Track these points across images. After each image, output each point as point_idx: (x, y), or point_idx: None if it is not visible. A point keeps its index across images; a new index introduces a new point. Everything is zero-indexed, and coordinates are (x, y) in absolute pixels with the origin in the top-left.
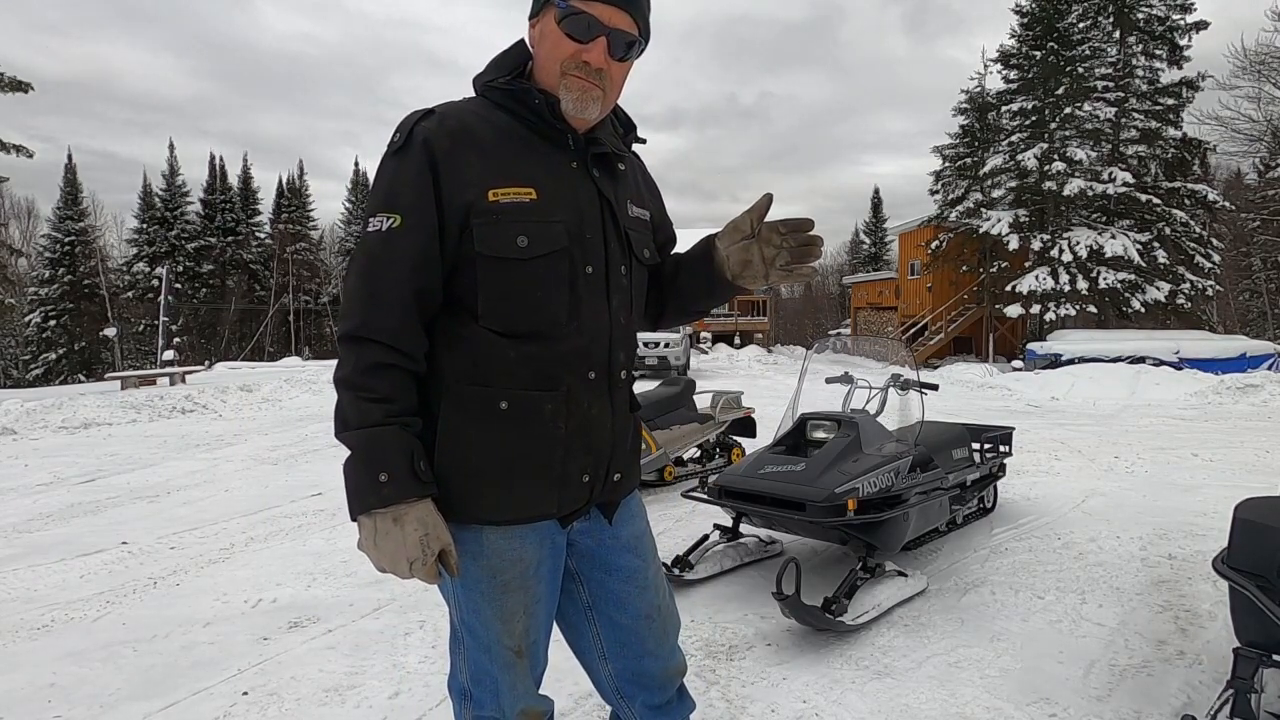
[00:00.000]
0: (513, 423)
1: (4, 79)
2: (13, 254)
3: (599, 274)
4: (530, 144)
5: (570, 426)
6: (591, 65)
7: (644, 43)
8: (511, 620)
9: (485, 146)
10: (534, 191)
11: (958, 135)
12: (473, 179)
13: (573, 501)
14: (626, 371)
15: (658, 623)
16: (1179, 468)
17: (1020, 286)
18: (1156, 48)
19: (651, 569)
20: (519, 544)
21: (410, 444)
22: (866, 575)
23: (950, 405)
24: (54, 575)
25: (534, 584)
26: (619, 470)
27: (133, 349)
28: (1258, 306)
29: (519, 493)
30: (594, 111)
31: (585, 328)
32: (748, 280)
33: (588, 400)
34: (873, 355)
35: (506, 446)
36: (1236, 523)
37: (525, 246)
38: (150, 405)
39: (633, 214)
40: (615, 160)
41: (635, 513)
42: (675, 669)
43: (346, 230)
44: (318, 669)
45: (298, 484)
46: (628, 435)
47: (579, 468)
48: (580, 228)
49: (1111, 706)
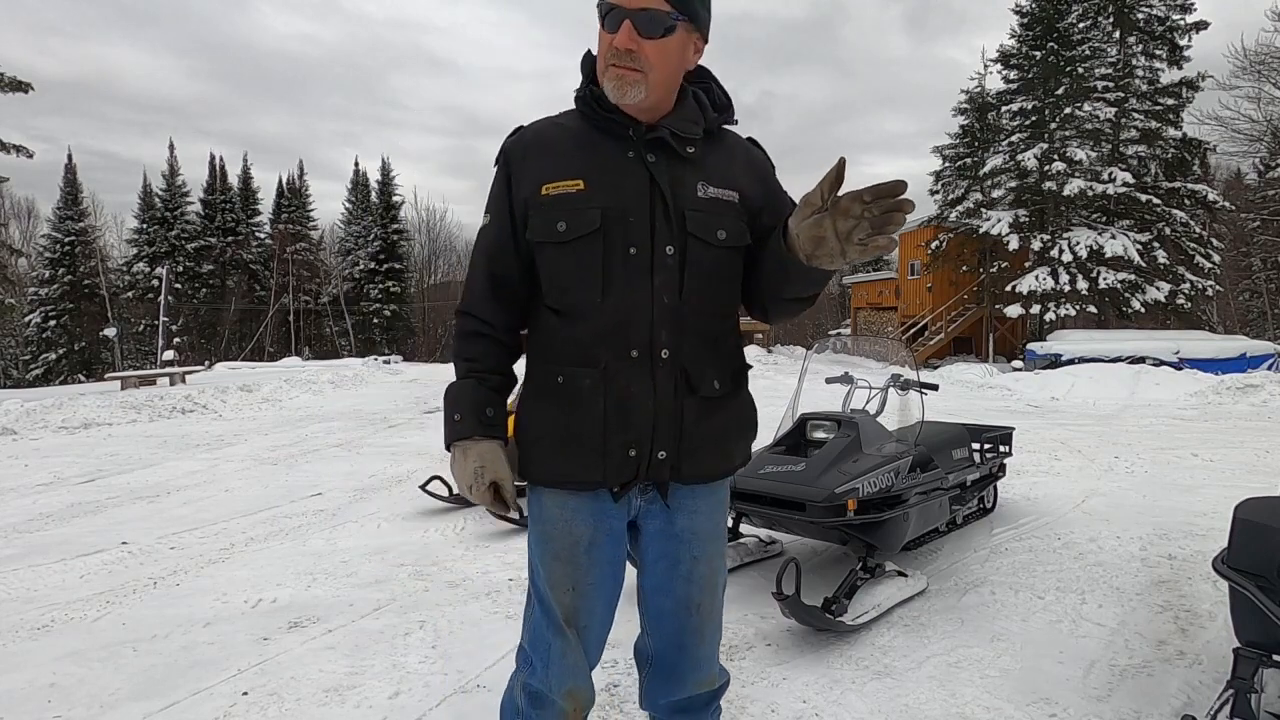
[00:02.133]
0: (564, 397)
1: (4, 79)
2: (13, 254)
3: (644, 255)
4: (589, 139)
5: (609, 402)
6: (620, 49)
7: (685, 18)
8: (558, 589)
9: (551, 149)
10: (582, 182)
11: (958, 135)
12: (533, 178)
13: (619, 474)
14: (673, 352)
15: (696, 619)
16: (1179, 468)
17: (1020, 286)
18: (1156, 48)
19: (701, 566)
20: (570, 516)
21: (483, 395)
22: (866, 575)
23: (950, 405)
24: (54, 575)
25: (583, 562)
26: (664, 449)
27: (133, 349)
28: (1258, 306)
29: (568, 461)
30: (635, 95)
31: (621, 306)
32: (823, 260)
33: (626, 378)
34: (873, 355)
35: (559, 417)
36: (1236, 523)
37: (564, 231)
38: (150, 405)
39: (706, 194)
40: (679, 144)
41: (698, 509)
42: (706, 679)
43: (346, 230)
44: (318, 669)
45: (298, 484)
46: (680, 417)
47: (621, 442)
48: (624, 211)
49: (1111, 706)
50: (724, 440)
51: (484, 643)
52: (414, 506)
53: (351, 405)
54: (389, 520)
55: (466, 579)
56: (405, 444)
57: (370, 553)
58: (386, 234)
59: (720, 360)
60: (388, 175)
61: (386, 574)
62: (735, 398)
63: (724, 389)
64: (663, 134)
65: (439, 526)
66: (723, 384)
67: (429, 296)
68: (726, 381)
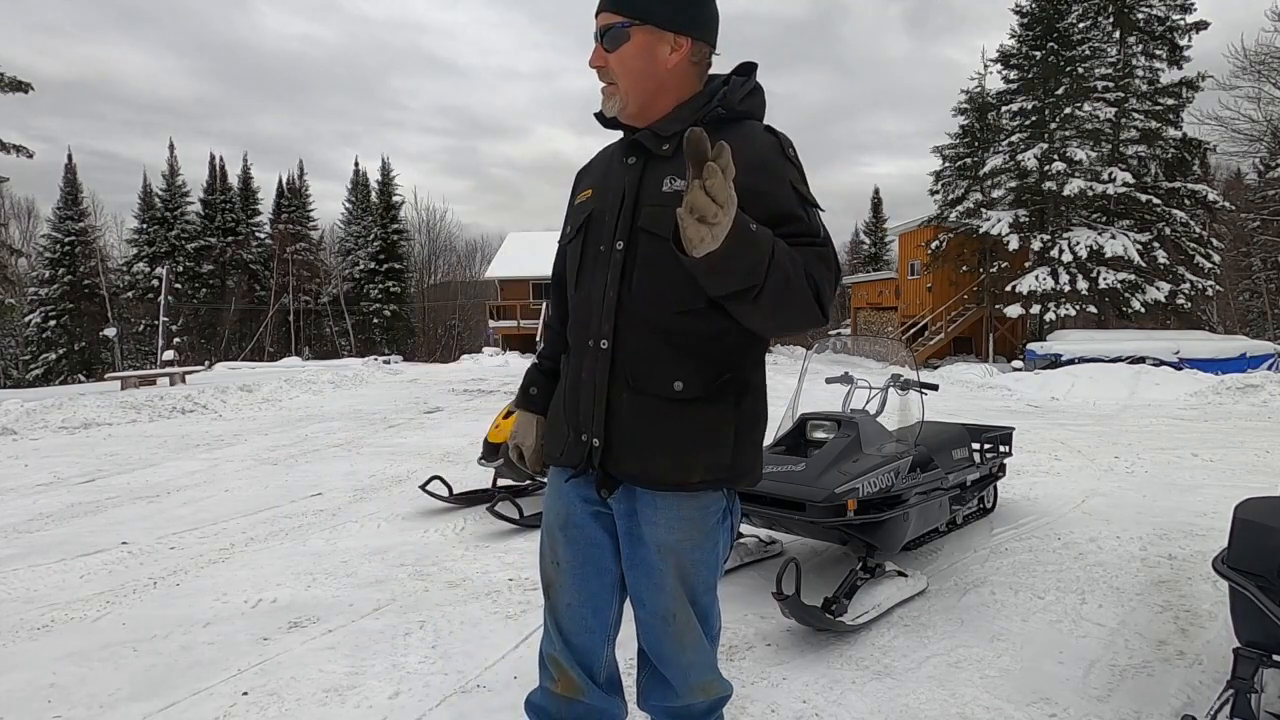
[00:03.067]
0: (561, 381)
1: (4, 79)
2: (13, 254)
3: (607, 251)
4: (612, 156)
5: (568, 386)
6: (593, 67)
7: (634, 21)
8: (544, 559)
9: (590, 169)
10: (591, 191)
11: (958, 135)
12: (573, 194)
13: (572, 455)
14: (612, 343)
15: (673, 628)
16: (1179, 468)
17: (1020, 286)
18: (1156, 48)
19: (669, 579)
20: (554, 491)
21: (534, 375)
22: (866, 575)
23: (950, 405)
24: (54, 575)
25: (559, 538)
26: (596, 436)
27: (133, 349)
28: (1258, 306)
29: (550, 439)
30: (615, 107)
31: (584, 299)
32: (689, 248)
33: (580, 364)
34: (873, 355)
35: (555, 399)
36: (1236, 523)
37: (566, 234)
38: (150, 405)
39: (671, 188)
40: (654, 143)
41: (658, 520)
42: (699, 686)
43: (346, 230)
44: (318, 669)
45: (298, 484)
46: (615, 410)
47: (573, 425)
48: (602, 212)
49: (1111, 706)
50: (679, 448)
51: (484, 643)
52: (414, 506)
53: (351, 405)
54: (389, 520)
55: (466, 579)
56: (405, 444)
57: (370, 553)
58: (386, 234)
59: (685, 361)
60: (387, 175)
61: (386, 574)
62: (708, 405)
63: (689, 393)
64: (640, 135)
65: (439, 526)
66: (689, 388)
67: (429, 296)
68: (695, 386)
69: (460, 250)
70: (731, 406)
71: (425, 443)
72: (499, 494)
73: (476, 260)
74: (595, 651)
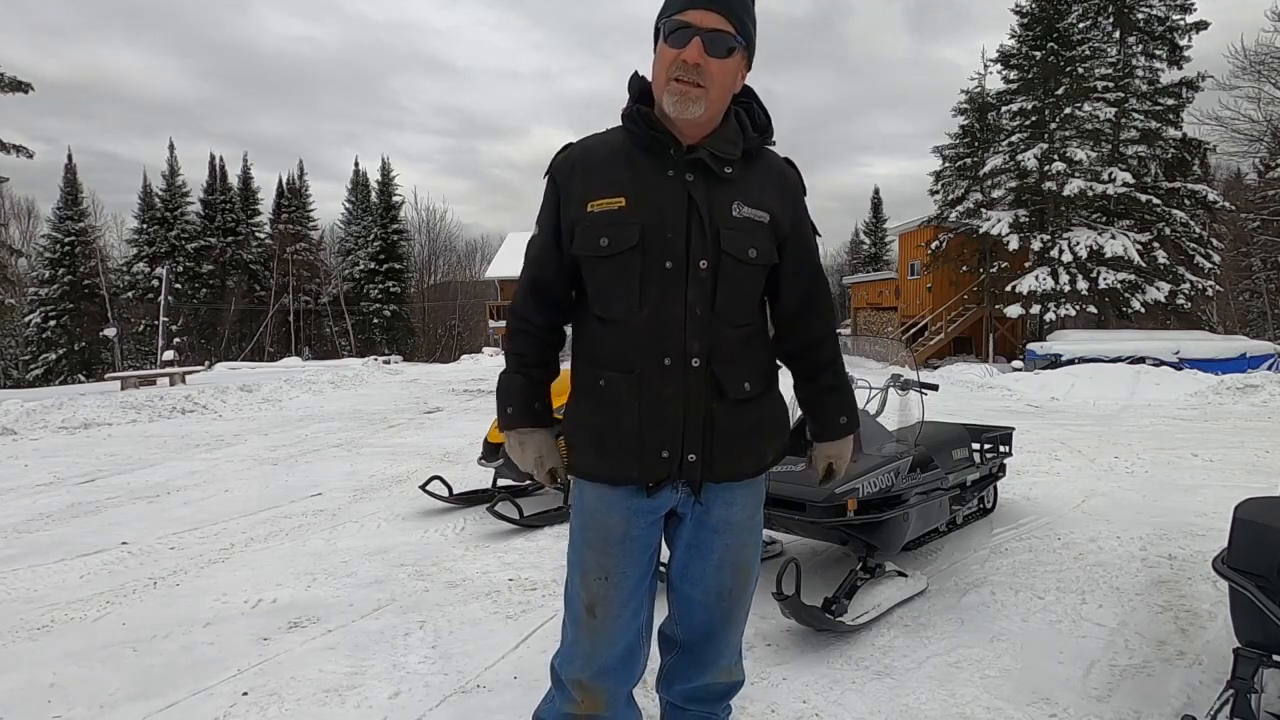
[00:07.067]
0: (605, 398)
1: (4, 79)
2: (13, 254)
3: (679, 269)
4: (631, 158)
5: (644, 405)
6: (689, 63)
7: (744, 43)
8: (588, 576)
9: (596, 168)
10: (624, 199)
11: (958, 135)
12: (578, 195)
13: (653, 472)
14: (704, 360)
15: (726, 604)
16: (1179, 468)
17: (1020, 287)
18: (1156, 48)
19: (733, 554)
20: (606, 509)
21: (531, 388)
22: (866, 575)
23: (950, 405)
24: (54, 575)
25: (616, 553)
26: (694, 451)
27: (133, 349)
28: (1258, 306)
29: (606, 458)
30: (696, 110)
31: (656, 316)
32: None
33: (659, 383)
34: (873, 355)
35: (599, 417)
36: (1236, 523)
37: (605, 246)
38: (150, 405)
39: (740, 214)
40: (717, 164)
41: (733, 500)
42: (727, 668)
43: (346, 230)
44: (318, 669)
45: (298, 484)
46: (710, 422)
47: (655, 444)
48: (662, 228)
49: (1111, 706)
50: (756, 439)
51: (484, 643)
52: (414, 506)
53: (351, 405)
54: (389, 520)
55: (466, 579)
56: (405, 444)
57: (370, 553)
58: (386, 234)
59: (750, 363)
60: (387, 175)
61: (386, 574)
62: (766, 397)
63: (755, 390)
64: (702, 155)
65: (439, 526)
66: (754, 385)
67: (429, 297)
68: (758, 382)
69: (460, 250)
70: (779, 395)
71: (425, 443)
72: (499, 494)
73: (476, 260)
74: (635, 654)
